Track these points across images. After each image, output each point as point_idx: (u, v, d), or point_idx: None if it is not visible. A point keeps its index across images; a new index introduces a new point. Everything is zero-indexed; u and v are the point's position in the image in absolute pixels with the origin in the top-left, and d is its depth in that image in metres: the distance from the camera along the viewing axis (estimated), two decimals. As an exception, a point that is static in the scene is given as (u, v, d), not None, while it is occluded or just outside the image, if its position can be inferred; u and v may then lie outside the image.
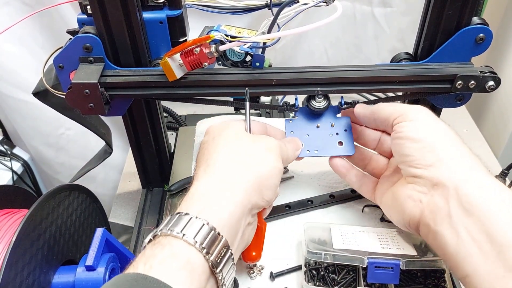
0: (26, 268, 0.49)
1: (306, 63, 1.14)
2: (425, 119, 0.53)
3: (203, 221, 0.41)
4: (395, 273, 0.56)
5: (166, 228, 0.41)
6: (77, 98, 0.56)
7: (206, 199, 0.44)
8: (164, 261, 0.38)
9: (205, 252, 0.40)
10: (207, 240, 0.40)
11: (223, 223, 0.42)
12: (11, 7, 0.93)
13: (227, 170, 0.47)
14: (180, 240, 0.40)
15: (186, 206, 0.44)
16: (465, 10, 0.55)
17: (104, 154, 0.78)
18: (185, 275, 0.38)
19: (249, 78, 0.58)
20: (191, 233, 0.40)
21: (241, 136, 0.53)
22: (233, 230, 0.44)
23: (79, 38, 0.55)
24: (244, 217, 0.46)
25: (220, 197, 0.45)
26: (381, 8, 1.04)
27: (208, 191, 0.45)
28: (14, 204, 0.66)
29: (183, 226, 0.41)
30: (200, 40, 0.53)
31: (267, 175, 0.49)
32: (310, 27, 0.51)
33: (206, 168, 0.48)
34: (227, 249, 0.42)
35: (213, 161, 0.48)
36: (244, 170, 0.47)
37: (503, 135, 1.04)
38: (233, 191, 0.45)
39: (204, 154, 0.51)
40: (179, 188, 0.76)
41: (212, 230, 0.41)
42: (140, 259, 0.39)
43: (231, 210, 0.44)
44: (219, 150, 0.50)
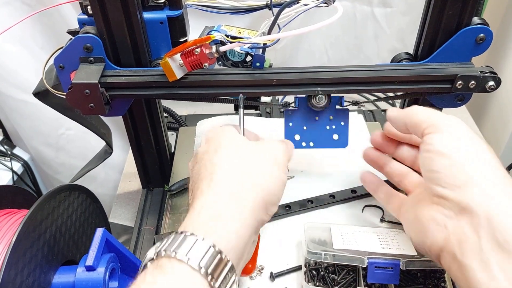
0: (26, 268, 0.49)
1: (306, 63, 1.14)
2: (458, 132, 0.47)
3: (209, 244, 0.38)
4: (395, 273, 0.56)
5: (171, 249, 0.38)
6: (78, 98, 0.56)
7: (212, 219, 0.41)
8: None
9: (210, 278, 0.37)
10: (213, 265, 0.38)
11: (231, 246, 0.40)
12: (11, 7, 0.93)
13: (233, 188, 0.44)
14: (185, 264, 0.37)
15: (191, 225, 0.41)
16: (466, 10, 0.55)
17: (105, 154, 0.78)
18: None
19: (250, 78, 0.58)
20: (196, 257, 0.37)
21: (243, 147, 0.49)
22: (239, 252, 0.41)
23: (79, 38, 0.55)
24: (251, 238, 0.44)
25: (227, 218, 0.42)
26: (381, 8, 1.04)
27: (214, 210, 0.42)
28: (14, 204, 0.66)
29: (188, 248, 0.38)
30: (200, 40, 0.53)
31: (273, 190, 0.46)
32: (310, 28, 0.51)
33: (210, 183, 0.45)
34: (233, 272, 0.40)
35: (217, 176, 0.45)
36: (251, 187, 0.44)
37: (503, 135, 1.04)
38: (241, 212, 0.42)
39: (206, 167, 0.47)
40: (179, 188, 0.76)
41: (219, 254, 0.39)
42: (141, 284, 0.38)
43: (240, 233, 0.41)
44: (223, 163, 0.46)
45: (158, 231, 0.73)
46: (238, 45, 0.55)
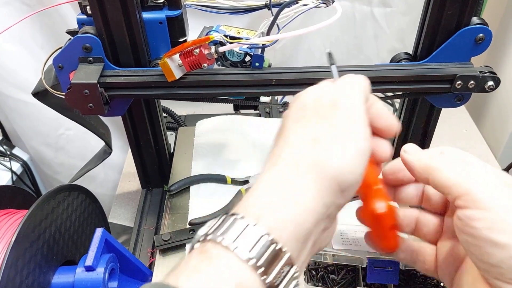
0: (25, 268, 0.49)
1: (305, 63, 1.14)
2: (506, 208, 0.35)
3: (262, 231, 0.32)
4: (395, 273, 0.56)
5: (217, 234, 0.32)
6: (77, 98, 0.56)
7: (268, 201, 0.34)
8: (209, 281, 0.30)
9: (261, 271, 0.31)
10: (266, 256, 0.31)
11: (288, 236, 0.32)
12: (11, 7, 0.93)
13: (297, 162, 0.35)
14: (231, 254, 0.31)
15: (245, 206, 0.34)
16: (465, 10, 0.55)
17: (104, 154, 0.78)
18: None
19: (249, 78, 0.58)
20: (246, 246, 0.31)
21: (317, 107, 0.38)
22: (300, 243, 0.34)
23: (78, 38, 0.55)
24: (317, 225, 0.35)
25: (285, 201, 0.34)
26: (380, 8, 1.04)
27: (271, 189, 0.34)
28: (13, 204, 0.66)
29: (237, 234, 0.32)
30: (199, 41, 0.53)
31: (347, 168, 0.35)
32: (309, 29, 0.51)
33: (272, 157, 0.37)
34: (291, 267, 0.32)
35: (279, 147, 0.37)
36: (316, 165, 0.34)
37: (502, 135, 1.04)
38: (303, 194, 0.34)
39: (278, 132, 0.39)
40: (178, 188, 0.76)
41: (273, 244, 0.31)
42: (184, 269, 0.31)
43: (300, 220, 0.33)
44: (294, 129, 0.38)
45: (158, 231, 0.73)
46: (237, 45, 0.55)
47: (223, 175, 0.77)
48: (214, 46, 0.54)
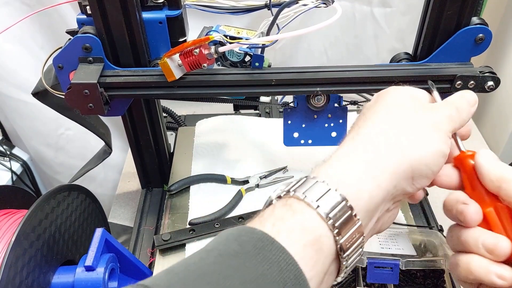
0: (25, 268, 0.49)
1: (305, 63, 1.14)
2: None
3: (341, 197, 0.35)
4: (395, 273, 0.56)
5: (301, 192, 0.35)
6: (77, 98, 0.56)
7: (347, 173, 0.37)
8: (293, 230, 0.33)
9: (336, 232, 0.34)
10: (342, 220, 0.34)
11: (361, 205, 0.36)
12: (11, 7, 0.93)
13: (377, 145, 0.39)
14: (313, 211, 0.34)
15: (325, 173, 0.37)
16: (465, 10, 0.55)
17: (104, 154, 0.78)
18: (311, 254, 0.33)
19: (249, 78, 0.58)
20: (326, 206, 0.34)
21: (405, 105, 0.42)
22: (369, 215, 0.37)
23: (78, 38, 0.55)
24: (384, 203, 0.38)
25: (362, 175, 0.37)
26: (380, 8, 1.04)
27: (350, 164, 0.38)
28: (13, 204, 0.66)
29: (319, 195, 0.35)
30: (199, 41, 0.53)
31: (426, 161, 0.39)
32: (309, 29, 0.51)
33: (355, 136, 0.40)
34: (360, 235, 0.36)
35: (364, 129, 0.40)
36: (398, 150, 0.38)
37: (502, 135, 1.04)
38: (378, 171, 0.37)
39: (358, 121, 0.43)
40: (178, 188, 0.76)
41: (350, 210, 0.35)
42: (268, 218, 0.35)
43: (373, 194, 0.37)
44: (375, 119, 0.41)
45: (158, 231, 0.73)
46: (237, 45, 0.55)
47: (223, 175, 0.77)
48: (214, 46, 0.54)
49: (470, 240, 0.38)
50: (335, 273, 0.36)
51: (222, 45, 0.54)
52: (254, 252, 0.32)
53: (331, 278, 0.36)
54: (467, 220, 0.39)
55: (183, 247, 0.67)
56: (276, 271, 0.31)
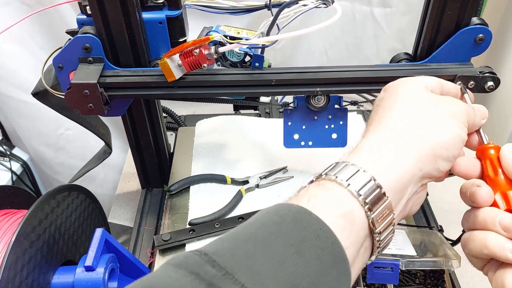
0: (25, 268, 0.49)
1: (305, 63, 1.14)
2: None
3: (370, 176, 0.38)
4: (395, 273, 0.56)
5: (332, 174, 0.38)
6: (77, 98, 0.56)
7: (374, 156, 0.41)
8: (327, 204, 0.36)
9: (367, 207, 0.37)
10: (372, 197, 0.37)
11: (389, 185, 0.39)
12: (11, 7, 0.93)
13: (400, 133, 0.42)
14: (345, 189, 0.37)
15: (352, 158, 0.40)
16: (465, 10, 0.55)
17: (104, 155, 0.78)
18: (345, 224, 0.36)
19: (249, 78, 0.58)
20: (357, 185, 0.37)
21: (422, 96, 0.45)
22: (398, 195, 0.40)
23: (78, 39, 0.55)
24: (412, 184, 0.41)
25: (389, 158, 0.40)
26: (380, 8, 1.04)
27: (377, 148, 0.41)
28: (13, 204, 0.66)
29: (349, 175, 0.38)
30: (199, 41, 0.53)
31: (446, 144, 0.42)
32: (309, 30, 0.51)
33: (377, 126, 0.43)
34: (390, 211, 0.39)
35: (385, 119, 0.43)
36: (420, 136, 0.42)
37: (502, 135, 1.04)
38: (404, 156, 0.40)
39: (377, 112, 0.45)
40: (178, 189, 0.76)
41: (378, 188, 0.38)
42: (304, 195, 0.38)
43: (400, 174, 0.39)
44: (394, 109, 0.44)
45: (158, 231, 0.73)
46: (237, 46, 0.55)
47: (223, 175, 0.77)
48: (214, 46, 0.54)
49: (487, 218, 0.41)
50: (370, 250, 0.39)
51: (222, 45, 0.54)
52: (293, 222, 0.34)
53: (366, 254, 0.38)
54: (478, 200, 0.41)
55: (183, 247, 0.67)
56: (314, 238, 0.34)
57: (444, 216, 0.74)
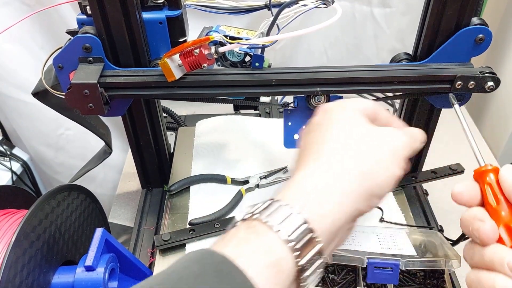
0: (25, 268, 0.49)
1: (305, 63, 1.14)
2: None
3: (303, 219, 0.37)
4: (395, 274, 0.56)
5: (264, 215, 0.37)
6: (77, 98, 0.56)
7: (311, 196, 0.39)
8: (255, 252, 0.35)
9: (297, 254, 0.36)
10: (303, 242, 0.36)
11: (323, 228, 0.38)
12: (11, 7, 0.93)
13: (339, 170, 0.40)
14: (275, 234, 0.36)
15: (289, 196, 0.39)
16: (465, 11, 0.55)
17: (104, 155, 0.78)
18: (272, 274, 0.35)
19: (249, 78, 0.58)
20: (288, 229, 0.36)
21: (360, 126, 0.44)
22: (331, 237, 0.39)
23: (78, 38, 0.55)
24: (345, 225, 0.40)
25: (326, 199, 0.39)
26: (380, 8, 1.04)
27: (314, 187, 0.39)
28: (13, 204, 0.66)
29: (281, 219, 0.37)
30: (199, 41, 0.53)
31: (383, 184, 0.41)
32: (309, 30, 0.51)
33: (316, 158, 0.42)
34: (320, 256, 0.37)
35: (324, 152, 0.42)
36: (358, 174, 0.40)
37: (502, 135, 1.04)
38: (341, 197, 0.39)
39: (315, 137, 0.44)
40: (178, 189, 0.76)
41: (311, 232, 0.37)
42: (233, 238, 0.36)
43: (336, 217, 0.38)
44: (334, 140, 0.43)
45: (158, 231, 0.73)
46: (237, 46, 0.55)
47: (223, 175, 0.77)
48: (214, 46, 0.54)
49: (495, 259, 0.38)
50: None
51: (222, 45, 0.54)
52: (214, 274, 0.33)
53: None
54: (483, 238, 0.39)
55: (183, 247, 0.67)
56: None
57: (444, 216, 0.74)
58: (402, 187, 0.75)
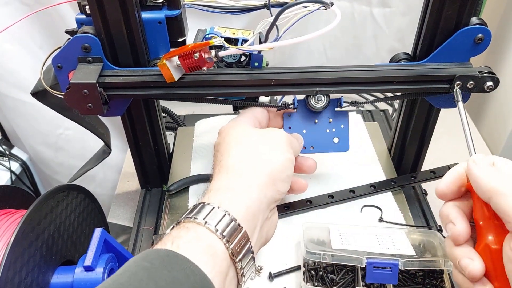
0: (24, 268, 0.49)
1: (305, 63, 1.14)
2: None
3: (224, 212, 0.43)
4: (394, 273, 0.56)
5: (191, 215, 0.43)
6: (76, 98, 0.56)
7: (225, 193, 0.47)
8: (189, 242, 0.41)
9: (225, 240, 0.42)
10: (228, 229, 0.42)
11: (242, 216, 0.44)
12: (10, 7, 0.93)
13: (240, 169, 0.49)
14: (203, 227, 0.42)
15: (207, 198, 0.46)
16: (464, 10, 0.55)
17: (103, 154, 0.78)
18: (208, 258, 0.40)
19: (248, 78, 0.58)
20: (213, 222, 0.42)
21: (249, 133, 0.54)
22: (251, 224, 0.46)
23: (77, 38, 0.55)
24: (261, 212, 0.47)
25: (237, 193, 0.47)
26: (380, 8, 1.04)
27: (226, 186, 0.48)
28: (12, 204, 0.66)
29: (205, 214, 0.43)
30: (200, 45, 0.53)
31: (279, 168, 0.50)
32: (310, 36, 0.51)
33: (220, 168, 0.50)
34: (247, 240, 0.44)
35: (225, 162, 0.51)
36: (256, 167, 0.49)
37: (501, 135, 1.04)
38: (248, 188, 0.47)
39: (217, 157, 0.53)
40: (178, 188, 0.76)
41: (233, 221, 0.43)
42: (167, 238, 0.41)
43: (248, 204, 0.46)
44: (230, 150, 0.52)
45: (157, 231, 0.73)
46: (238, 51, 0.55)
47: (222, 175, 0.77)
48: (214, 50, 0.54)
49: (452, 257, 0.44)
50: (236, 279, 0.43)
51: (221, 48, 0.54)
52: (162, 265, 0.38)
53: (233, 283, 0.43)
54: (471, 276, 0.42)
55: (182, 247, 0.67)
56: (184, 277, 0.37)
57: (443, 216, 0.74)
58: (401, 187, 0.75)
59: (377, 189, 0.73)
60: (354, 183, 0.75)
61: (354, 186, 0.74)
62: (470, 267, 0.42)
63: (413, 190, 0.77)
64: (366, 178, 0.76)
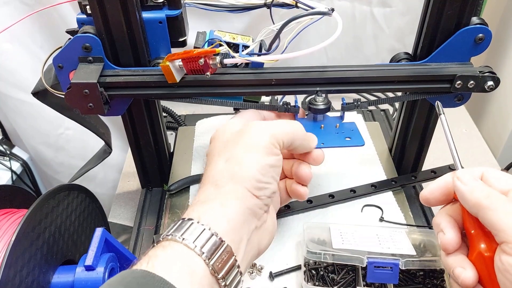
0: (25, 268, 0.49)
1: (305, 63, 1.14)
2: None
3: (205, 227, 0.41)
4: (394, 273, 0.56)
5: (169, 233, 0.41)
6: (77, 98, 0.56)
7: (206, 206, 0.44)
8: (165, 262, 0.39)
9: (205, 256, 0.39)
10: (208, 245, 0.40)
11: (223, 230, 0.42)
12: (10, 7, 0.93)
13: (219, 180, 0.46)
14: (180, 243, 0.40)
15: (188, 213, 0.44)
16: (465, 10, 0.55)
17: (104, 154, 0.78)
18: (185, 277, 0.38)
19: (249, 78, 0.58)
20: (191, 237, 0.40)
21: (230, 138, 0.51)
22: (236, 237, 0.43)
23: (78, 38, 0.55)
24: (247, 223, 0.45)
25: (216, 206, 0.44)
26: (380, 8, 1.04)
27: (207, 198, 0.45)
28: (13, 204, 0.66)
29: (184, 230, 0.41)
30: (205, 52, 0.53)
31: (257, 176, 0.46)
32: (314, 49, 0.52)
33: (204, 180, 0.48)
34: (230, 254, 0.41)
35: (207, 173, 0.48)
36: (234, 177, 0.46)
37: (502, 135, 1.04)
38: (227, 202, 0.44)
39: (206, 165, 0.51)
40: (178, 188, 0.76)
41: (213, 235, 0.41)
42: (143, 259, 0.40)
43: (230, 217, 0.43)
44: (211, 159, 0.50)
45: (158, 230, 0.73)
46: (243, 60, 0.55)
47: (222, 174, 0.77)
48: (219, 57, 0.53)
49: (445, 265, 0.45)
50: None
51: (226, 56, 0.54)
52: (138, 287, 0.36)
53: None
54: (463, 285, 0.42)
55: (183, 247, 0.67)
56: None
57: (444, 216, 0.74)
58: (402, 187, 0.75)
59: (378, 189, 0.73)
60: (355, 182, 0.75)
61: (354, 186, 0.74)
62: (462, 276, 0.42)
63: (413, 189, 0.77)
64: (366, 177, 0.76)
